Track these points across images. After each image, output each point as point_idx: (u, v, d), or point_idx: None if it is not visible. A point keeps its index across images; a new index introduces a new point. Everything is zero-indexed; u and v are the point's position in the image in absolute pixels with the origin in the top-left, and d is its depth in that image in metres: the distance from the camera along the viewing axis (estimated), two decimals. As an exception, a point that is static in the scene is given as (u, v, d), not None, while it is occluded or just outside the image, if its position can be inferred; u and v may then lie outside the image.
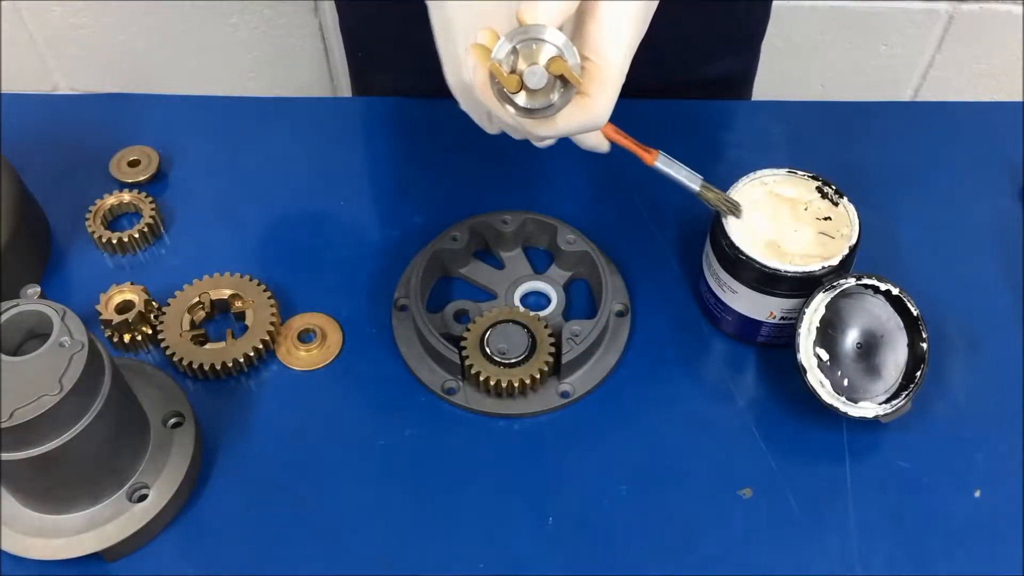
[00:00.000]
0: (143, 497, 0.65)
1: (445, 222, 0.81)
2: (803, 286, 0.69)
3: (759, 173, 0.74)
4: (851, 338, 0.71)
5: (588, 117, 0.58)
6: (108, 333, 0.75)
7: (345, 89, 1.51)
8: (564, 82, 0.55)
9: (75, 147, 0.90)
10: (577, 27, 0.60)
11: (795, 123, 0.93)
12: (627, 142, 0.67)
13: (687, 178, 0.70)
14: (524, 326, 0.73)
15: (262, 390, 0.74)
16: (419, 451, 0.71)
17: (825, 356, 0.70)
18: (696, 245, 0.79)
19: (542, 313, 0.76)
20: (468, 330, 0.73)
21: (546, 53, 0.54)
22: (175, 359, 0.73)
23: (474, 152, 0.90)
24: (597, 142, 0.67)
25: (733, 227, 0.71)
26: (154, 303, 0.76)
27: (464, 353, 0.72)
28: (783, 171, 0.74)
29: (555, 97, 0.55)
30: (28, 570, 0.64)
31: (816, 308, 0.69)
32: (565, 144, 0.66)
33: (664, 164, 0.69)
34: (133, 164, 0.87)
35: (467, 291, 0.80)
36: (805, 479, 0.70)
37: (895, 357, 0.71)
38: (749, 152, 0.90)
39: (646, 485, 0.69)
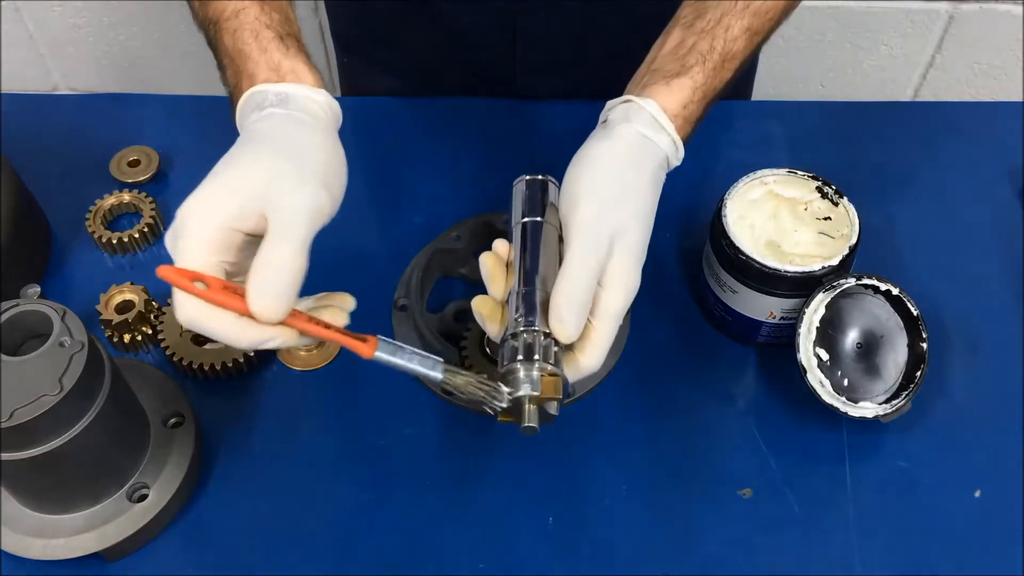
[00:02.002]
0: (143, 497, 0.65)
1: (445, 222, 0.81)
2: (803, 286, 0.69)
3: (759, 173, 0.74)
4: (851, 338, 0.71)
5: (580, 373, 0.60)
6: (108, 333, 0.75)
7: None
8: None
9: (75, 147, 0.90)
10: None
11: (795, 123, 0.93)
12: (340, 337, 0.57)
13: (422, 365, 0.57)
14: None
15: (262, 390, 0.74)
16: (419, 451, 0.71)
17: (825, 356, 0.70)
18: (696, 245, 0.79)
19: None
20: (468, 330, 0.73)
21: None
22: (175, 359, 0.73)
23: (474, 152, 0.90)
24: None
25: (733, 227, 0.71)
26: (154, 303, 0.76)
27: (464, 353, 0.72)
28: (783, 171, 0.74)
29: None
30: (28, 570, 0.64)
31: (816, 308, 0.69)
32: (566, 144, 0.65)
33: (386, 354, 0.57)
34: (133, 164, 0.87)
35: (467, 291, 0.80)
36: (805, 479, 0.70)
37: (895, 357, 0.70)
38: (749, 152, 0.90)
39: (646, 485, 0.69)
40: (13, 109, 0.92)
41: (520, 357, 0.58)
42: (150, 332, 0.75)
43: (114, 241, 0.81)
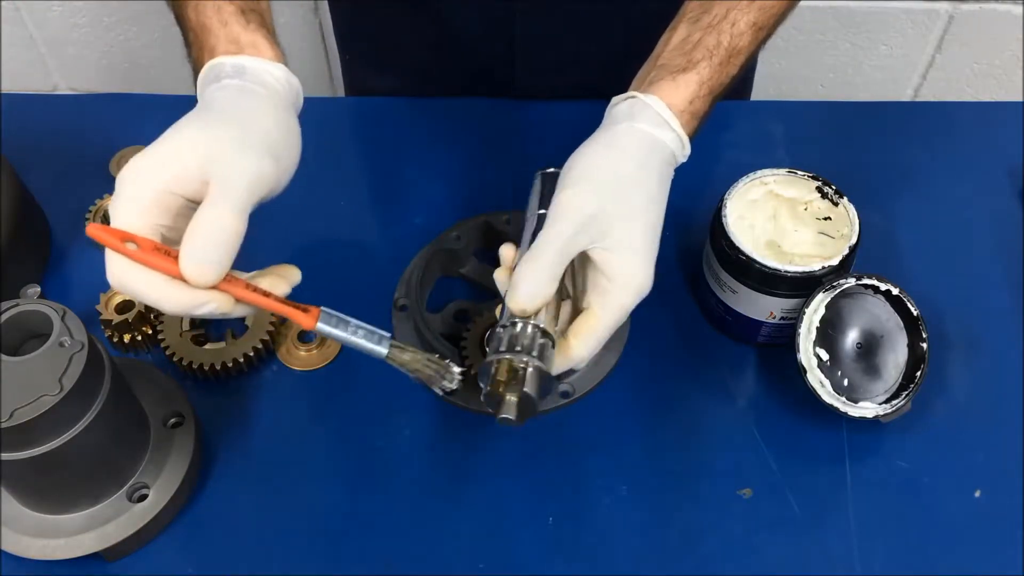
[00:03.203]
0: (143, 497, 0.65)
1: (445, 222, 0.81)
2: (803, 286, 0.69)
3: (759, 173, 0.74)
4: (851, 338, 0.71)
5: (566, 363, 0.61)
6: (108, 333, 0.75)
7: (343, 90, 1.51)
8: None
9: (75, 147, 0.90)
10: (583, 271, 0.62)
11: (795, 123, 0.93)
12: (279, 307, 0.56)
13: (367, 339, 0.57)
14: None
15: (262, 390, 0.74)
16: (419, 451, 0.71)
17: (825, 356, 0.70)
18: (696, 245, 0.79)
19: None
20: (468, 330, 0.73)
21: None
22: (175, 359, 0.73)
23: (474, 152, 0.90)
24: None
25: (733, 227, 0.71)
26: (154, 303, 0.76)
27: (464, 353, 0.72)
28: (783, 171, 0.74)
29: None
30: (28, 570, 0.64)
31: (816, 308, 0.69)
32: (566, 144, 0.65)
33: (326, 324, 0.56)
34: (133, 164, 0.87)
35: (467, 291, 0.80)
36: (805, 479, 0.70)
37: (895, 357, 0.70)
38: (749, 152, 0.90)
39: (646, 485, 0.69)
40: (13, 109, 0.92)
41: (502, 348, 0.59)
42: (150, 332, 0.75)
43: (114, 241, 0.81)
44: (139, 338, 0.75)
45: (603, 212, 0.60)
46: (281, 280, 0.58)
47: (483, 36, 0.92)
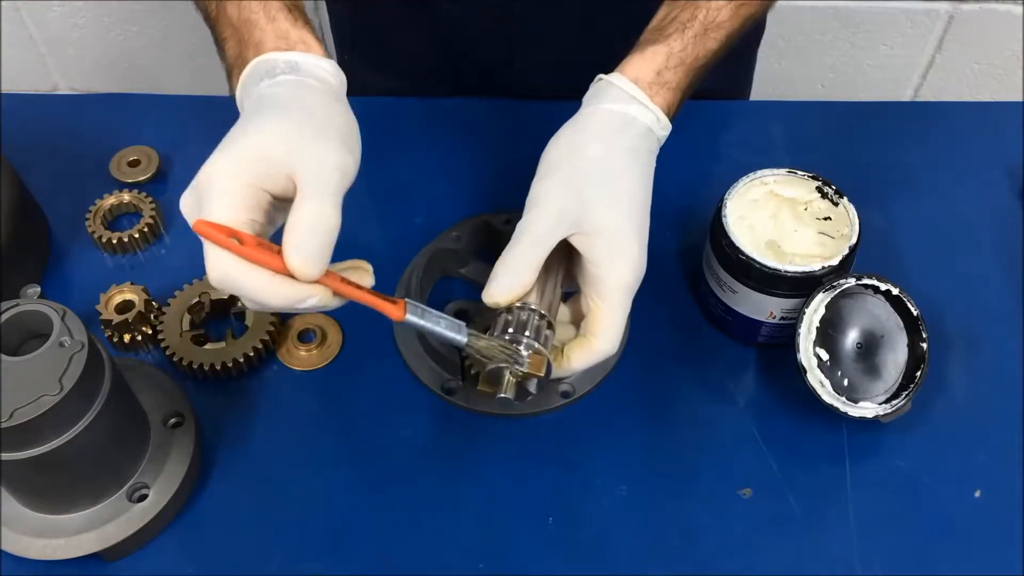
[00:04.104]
0: (143, 497, 0.65)
1: (445, 222, 0.81)
2: (803, 286, 0.69)
3: (759, 173, 0.74)
4: (851, 338, 0.71)
5: (595, 356, 0.62)
6: (108, 333, 0.75)
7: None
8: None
9: (75, 147, 0.90)
10: (581, 269, 0.63)
11: (795, 123, 0.93)
12: (371, 298, 0.57)
13: (448, 328, 0.58)
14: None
15: (262, 390, 0.74)
16: (419, 451, 0.71)
17: (825, 356, 0.70)
18: (696, 245, 0.79)
19: (542, 313, 0.76)
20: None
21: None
22: (175, 359, 0.73)
23: (474, 152, 0.90)
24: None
25: (733, 227, 0.71)
26: (154, 303, 0.76)
27: (464, 353, 0.72)
28: (783, 171, 0.74)
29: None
30: (28, 570, 0.64)
31: (816, 308, 0.69)
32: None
33: (415, 316, 0.57)
34: (133, 164, 0.87)
35: (467, 291, 0.80)
36: (805, 479, 0.70)
37: (895, 357, 0.70)
38: (749, 152, 0.90)
39: (646, 485, 0.69)
40: (13, 109, 0.92)
41: (510, 331, 0.59)
42: (150, 332, 0.75)
43: (114, 241, 0.81)
44: (139, 338, 0.75)
45: (577, 199, 0.60)
46: (366, 273, 0.58)
47: (482, 36, 0.92)
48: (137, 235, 0.81)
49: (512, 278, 0.59)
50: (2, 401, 0.56)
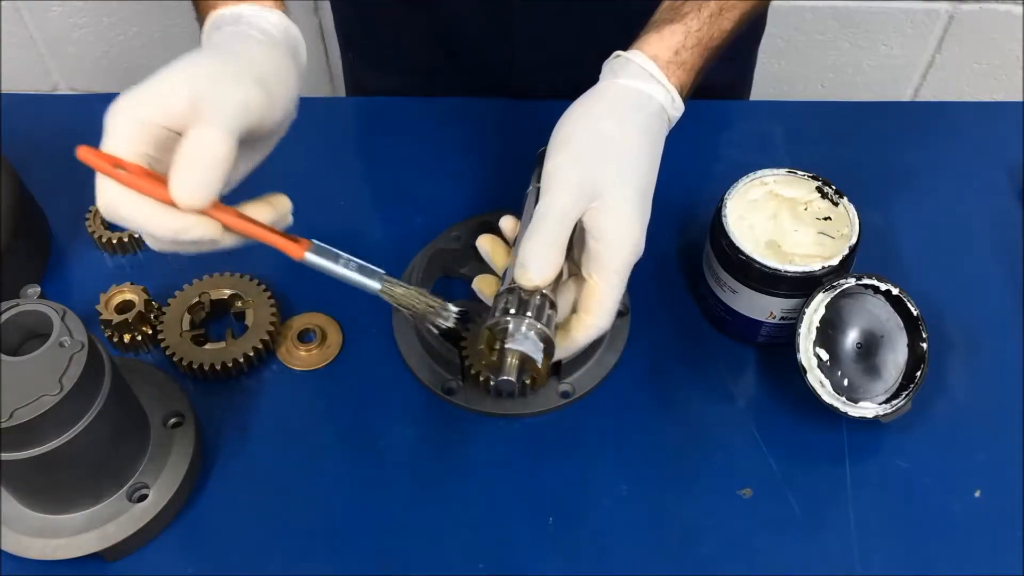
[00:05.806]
0: (143, 497, 0.65)
1: (445, 222, 0.81)
2: (803, 286, 0.69)
3: (759, 173, 0.74)
4: (851, 338, 0.71)
5: (592, 332, 0.61)
6: (108, 333, 0.75)
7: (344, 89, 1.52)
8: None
9: (75, 147, 0.90)
10: (580, 243, 0.62)
11: (795, 123, 0.93)
12: (268, 235, 0.54)
13: (361, 273, 0.55)
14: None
15: (262, 390, 0.74)
16: (419, 451, 0.71)
17: (825, 356, 0.70)
18: (696, 245, 0.79)
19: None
20: (468, 330, 0.73)
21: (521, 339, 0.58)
22: (175, 359, 0.73)
23: (474, 152, 0.90)
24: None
25: (733, 227, 0.71)
26: (154, 303, 0.76)
27: (464, 353, 0.72)
28: (783, 171, 0.74)
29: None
30: (28, 570, 0.64)
31: (816, 308, 0.69)
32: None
33: (317, 256, 0.54)
34: (133, 164, 0.87)
35: (467, 291, 0.80)
36: (805, 479, 0.70)
37: (895, 357, 0.70)
38: (749, 152, 0.90)
39: (646, 485, 0.69)
40: (13, 109, 0.91)
41: (512, 311, 0.58)
42: (150, 332, 0.75)
43: (114, 241, 0.81)
44: (139, 338, 0.75)
45: (590, 174, 0.60)
46: (268, 207, 0.56)
47: (483, 36, 0.92)
48: (137, 235, 0.81)
49: (546, 259, 0.58)
50: (2, 401, 0.56)
